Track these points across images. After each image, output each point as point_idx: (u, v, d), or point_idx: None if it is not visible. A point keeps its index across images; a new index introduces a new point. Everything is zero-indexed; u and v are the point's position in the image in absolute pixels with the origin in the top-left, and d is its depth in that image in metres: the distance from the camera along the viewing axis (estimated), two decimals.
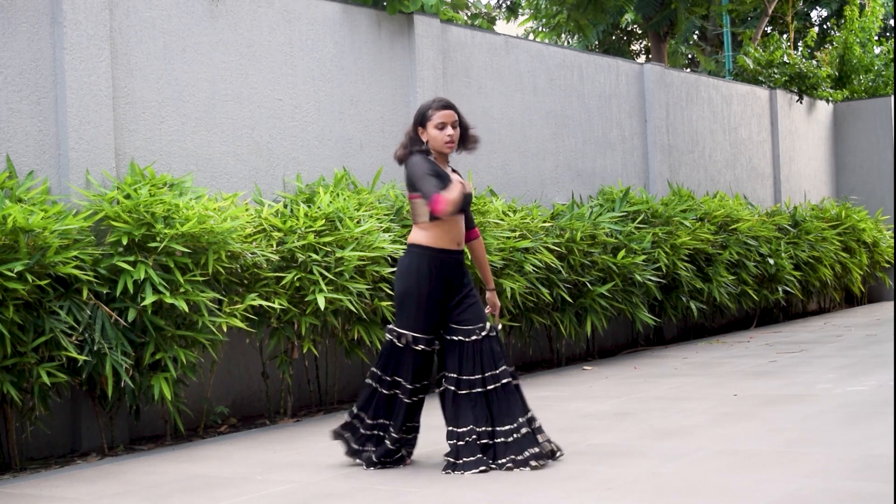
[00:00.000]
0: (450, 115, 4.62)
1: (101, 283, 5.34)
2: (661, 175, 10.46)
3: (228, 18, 6.62)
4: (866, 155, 13.93)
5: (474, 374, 4.51)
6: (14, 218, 4.87)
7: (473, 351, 4.53)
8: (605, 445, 4.90)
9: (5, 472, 5.17)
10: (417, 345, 4.56)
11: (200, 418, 6.14)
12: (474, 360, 4.52)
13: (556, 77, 9.33)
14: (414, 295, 4.54)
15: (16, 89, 5.52)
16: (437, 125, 4.60)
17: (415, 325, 4.56)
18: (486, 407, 4.50)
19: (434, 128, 4.60)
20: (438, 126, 4.60)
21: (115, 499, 4.38)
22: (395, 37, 7.75)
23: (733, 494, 3.81)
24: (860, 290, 12.76)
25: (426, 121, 4.62)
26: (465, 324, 4.57)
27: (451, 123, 4.62)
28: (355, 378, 7.15)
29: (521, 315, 7.76)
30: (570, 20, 17.76)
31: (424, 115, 4.63)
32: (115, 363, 5.19)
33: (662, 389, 6.72)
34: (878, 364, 7.28)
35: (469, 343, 4.54)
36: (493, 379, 4.52)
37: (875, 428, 4.90)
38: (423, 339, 4.57)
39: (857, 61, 15.09)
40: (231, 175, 6.57)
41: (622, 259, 8.32)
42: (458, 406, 4.50)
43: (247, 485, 4.48)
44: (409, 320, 4.56)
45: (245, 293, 5.89)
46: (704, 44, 20.66)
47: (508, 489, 4.12)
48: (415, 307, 4.55)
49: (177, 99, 6.29)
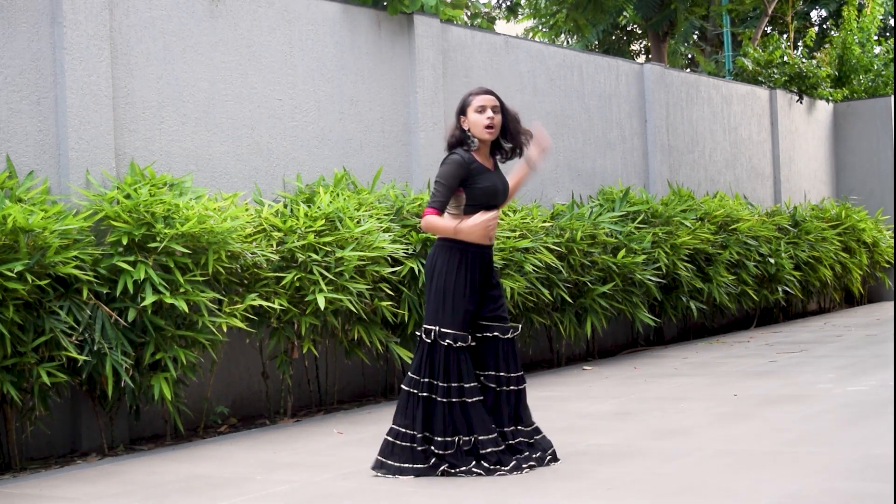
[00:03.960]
0: (490, 100, 4.51)
1: (101, 283, 5.33)
2: (661, 175, 10.46)
3: (228, 18, 6.62)
4: (866, 155, 13.92)
5: (509, 372, 4.50)
6: (14, 218, 4.86)
7: (507, 348, 4.52)
8: (605, 445, 4.90)
9: (5, 472, 5.17)
10: (457, 342, 4.42)
11: (200, 418, 6.14)
12: (509, 359, 4.51)
13: (556, 77, 9.33)
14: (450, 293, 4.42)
15: (16, 89, 5.52)
16: (477, 108, 4.49)
17: (456, 322, 4.43)
18: (515, 406, 4.51)
19: (474, 111, 4.50)
20: (478, 109, 4.49)
21: (115, 499, 4.38)
22: (395, 37, 7.75)
23: (733, 494, 3.81)
24: (860, 291, 12.76)
25: (466, 107, 4.52)
26: (499, 321, 4.53)
27: (490, 107, 4.50)
28: (355, 378, 7.15)
29: (521, 315, 7.76)
30: (568, 20, 17.75)
31: (465, 101, 4.54)
32: (115, 363, 5.19)
33: (662, 389, 6.71)
34: (878, 364, 7.28)
35: (505, 340, 4.52)
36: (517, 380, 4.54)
37: (875, 428, 4.90)
38: (461, 335, 4.44)
39: (857, 61, 15.09)
40: (231, 175, 6.57)
41: (622, 259, 8.32)
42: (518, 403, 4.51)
43: (247, 485, 4.48)
44: (446, 317, 4.42)
45: (245, 293, 5.89)
46: (704, 44, 20.66)
47: (508, 489, 4.11)
48: (451, 302, 4.42)
49: (177, 99, 6.29)
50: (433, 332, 4.43)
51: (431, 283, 4.48)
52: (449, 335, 4.41)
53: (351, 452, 5.03)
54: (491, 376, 4.50)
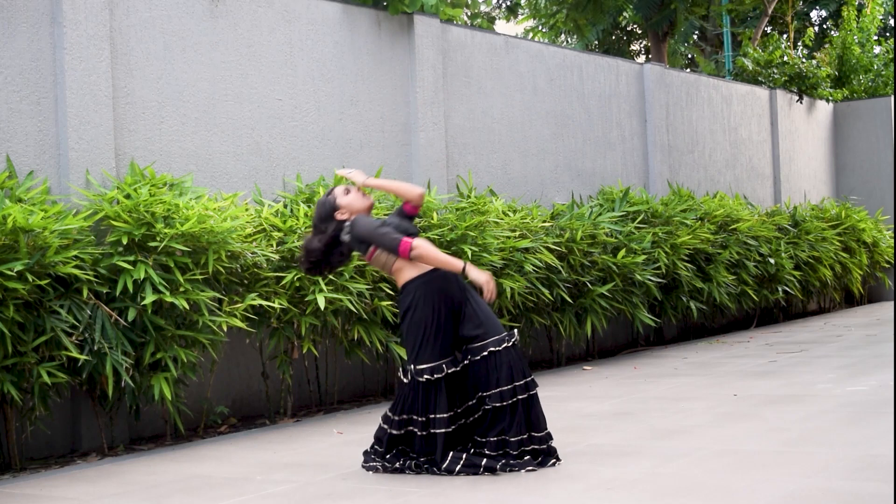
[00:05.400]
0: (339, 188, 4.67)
1: (101, 282, 5.33)
2: (661, 175, 10.46)
3: (228, 18, 6.62)
4: (866, 155, 13.93)
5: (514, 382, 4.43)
6: (14, 218, 4.86)
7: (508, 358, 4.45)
8: (605, 445, 4.90)
9: (5, 472, 5.17)
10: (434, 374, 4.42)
11: (200, 418, 6.14)
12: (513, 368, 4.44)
13: (556, 77, 9.33)
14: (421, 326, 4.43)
15: (16, 89, 5.52)
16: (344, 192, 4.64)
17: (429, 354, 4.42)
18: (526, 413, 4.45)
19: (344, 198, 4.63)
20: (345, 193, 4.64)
21: (115, 499, 4.38)
22: (395, 37, 7.75)
23: (733, 494, 3.81)
24: (860, 291, 12.76)
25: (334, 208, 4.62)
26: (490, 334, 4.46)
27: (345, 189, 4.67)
28: (355, 378, 7.15)
29: (521, 315, 7.76)
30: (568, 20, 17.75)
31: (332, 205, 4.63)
32: (115, 363, 5.19)
33: (662, 389, 6.71)
34: (878, 364, 7.28)
35: (502, 351, 4.45)
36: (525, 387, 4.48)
37: (875, 428, 4.90)
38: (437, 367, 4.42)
39: (857, 61, 15.09)
40: (231, 175, 6.57)
41: (622, 259, 8.32)
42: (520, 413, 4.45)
43: (247, 485, 4.48)
44: (425, 350, 4.43)
45: (245, 293, 5.89)
46: (704, 44, 20.67)
47: (508, 489, 4.11)
48: (431, 335, 4.42)
49: (177, 99, 6.29)
50: (410, 371, 4.48)
51: (403, 323, 4.51)
52: (425, 370, 4.42)
53: (351, 452, 5.03)
54: (495, 395, 4.41)
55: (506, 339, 4.47)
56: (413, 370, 4.46)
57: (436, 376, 4.41)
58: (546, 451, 4.47)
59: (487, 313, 4.53)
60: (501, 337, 4.47)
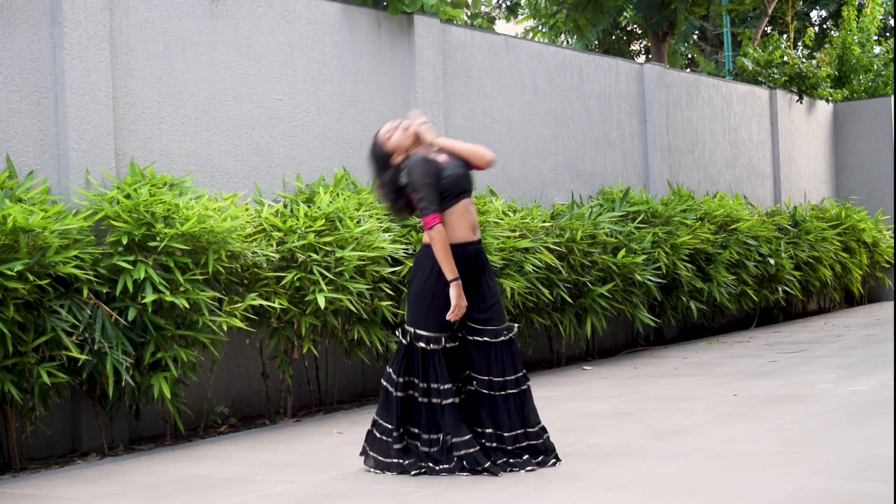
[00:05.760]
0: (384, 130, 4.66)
1: (101, 282, 5.34)
2: (661, 175, 10.46)
3: (228, 18, 6.62)
4: (866, 155, 13.93)
5: (505, 376, 4.48)
6: (14, 218, 4.86)
7: (500, 352, 4.49)
8: (605, 445, 4.90)
9: (5, 472, 5.17)
10: (430, 344, 4.47)
11: (200, 418, 6.14)
12: (504, 362, 4.48)
13: (556, 77, 9.33)
14: (429, 295, 4.47)
15: (16, 89, 5.52)
16: (387, 136, 4.63)
17: (431, 324, 4.47)
18: (520, 408, 4.49)
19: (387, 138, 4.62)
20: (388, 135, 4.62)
21: (115, 499, 4.38)
22: (395, 37, 7.75)
23: (733, 494, 3.81)
24: (860, 291, 12.76)
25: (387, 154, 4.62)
26: (491, 323, 4.51)
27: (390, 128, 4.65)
28: (355, 378, 7.15)
29: (521, 315, 7.76)
30: (568, 20, 17.75)
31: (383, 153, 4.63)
32: (115, 362, 5.19)
33: (662, 389, 6.71)
34: (878, 364, 7.28)
35: (497, 344, 4.49)
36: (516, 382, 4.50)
37: (875, 428, 4.90)
38: (434, 337, 4.47)
39: (857, 61, 15.09)
40: (231, 175, 6.57)
41: (622, 259, 8.32)
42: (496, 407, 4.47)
43: (247, 485, 4.48)
44: (423, 319, 4.48)
45: (245, 293, 5.89)
46: (704, 44, 20.66)
47: (508, 489, 4.12)
48: (438, 308, 4.45)
49: (177, 99, 6.29)
50: (409, 333, 4.52)
51: (413, 285, 4.56)
52: (423, 337, 4.48)
53: (351, 452, 5.03)
54: (483, 381, 4.48)
55: (503, 333, 4.52)
56: (412, 333, 4.51)
57: (432, 346, 4.46)
58: (543, 446, 4.49)
59: (496, 299, 4.58)
60: (500, 329, 4.51)
